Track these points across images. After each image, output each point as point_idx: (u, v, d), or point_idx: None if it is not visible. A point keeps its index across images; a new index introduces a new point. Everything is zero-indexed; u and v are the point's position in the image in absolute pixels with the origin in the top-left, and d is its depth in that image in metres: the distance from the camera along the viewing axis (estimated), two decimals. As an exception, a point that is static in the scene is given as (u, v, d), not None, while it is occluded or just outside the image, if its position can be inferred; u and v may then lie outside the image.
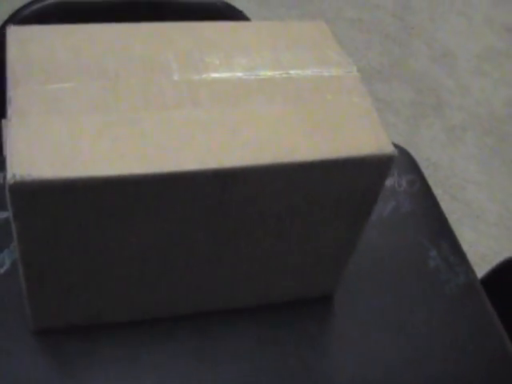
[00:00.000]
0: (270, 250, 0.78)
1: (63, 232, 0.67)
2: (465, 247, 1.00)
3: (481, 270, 1.10)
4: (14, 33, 0.74)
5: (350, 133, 0.70)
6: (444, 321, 0.90)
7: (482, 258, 1.96)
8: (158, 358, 0.80)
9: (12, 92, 0.67)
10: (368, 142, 0.69)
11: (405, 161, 1.09)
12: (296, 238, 0.77)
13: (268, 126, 0.69)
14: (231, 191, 0.67)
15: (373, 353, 0.85)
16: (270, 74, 0.74)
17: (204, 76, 0.72)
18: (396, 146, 1.09)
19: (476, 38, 2.81)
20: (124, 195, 0.65)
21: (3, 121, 0.64)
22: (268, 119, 0.70)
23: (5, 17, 1.03)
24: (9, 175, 0.60)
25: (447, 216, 1.04)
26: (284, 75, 0.74)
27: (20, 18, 1.01)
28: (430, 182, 1.10)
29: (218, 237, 0.73)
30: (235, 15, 1.16)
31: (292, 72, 0.75)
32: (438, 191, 2.03)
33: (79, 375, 0.78)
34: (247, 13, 1.20)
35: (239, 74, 0.73)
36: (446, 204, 2.00)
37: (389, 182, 1.03)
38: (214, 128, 0.68)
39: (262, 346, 0.83)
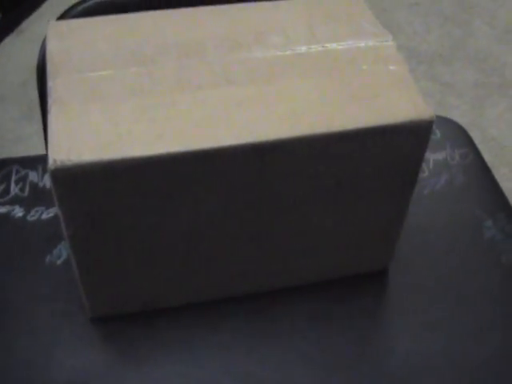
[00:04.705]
0: (318, 225, 0.77)
1: (108, 217, 0.68)
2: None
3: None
4: (53, 27, 0.76)
5: (386, 100, 0.69)
6: (502, 291, 0.87)
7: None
8: (218, 339, 0.81)
9: (51, 82, 0.68)
10: (405, 108, 0.69)
11: (457, 134, 1.07)
12: (343, 212, 0.77)
13: (304, 99, 0.69)
14: (270, 165, 0.67)
15: (430, 325, 0.84)
16: (304, 48, 0.74)
17: (238, 55, 0.73)
18: (447, 120, 1.08)
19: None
20: (164, 175, 0.65)
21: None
22: (303, 92, 0.70)
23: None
24: (50, 161, 0.61)
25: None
26: (320, 49, 0.74)
27: (69, 16, 1.03)
28: (496, 161, 1.08)
29: (264, 213, 0.74)
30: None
31: (328, 45, 0.75)
32: (504, 170, 1.99)
33: (139, 361, 0.79)
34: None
35: (274, 51, 0.73)
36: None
37: (441, 156, 1.01)
38: (249, 104, 0.68)
39: (316, 321, 0.83)
